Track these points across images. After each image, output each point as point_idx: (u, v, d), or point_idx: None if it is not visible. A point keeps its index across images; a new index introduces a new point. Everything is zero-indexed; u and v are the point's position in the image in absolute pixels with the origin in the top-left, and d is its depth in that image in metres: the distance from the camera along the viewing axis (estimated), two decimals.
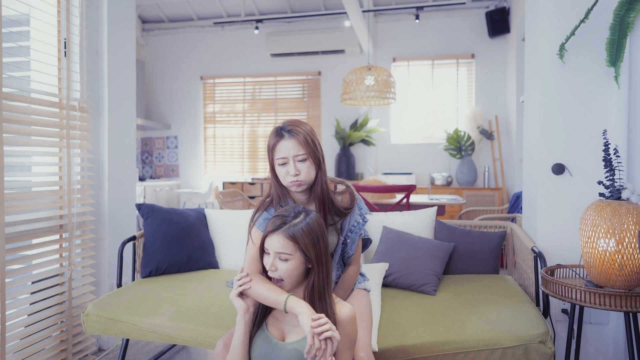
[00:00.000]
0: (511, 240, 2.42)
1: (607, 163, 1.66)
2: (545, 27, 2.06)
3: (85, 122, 2.39)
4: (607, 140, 1.68)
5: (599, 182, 1.70)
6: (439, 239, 2.35)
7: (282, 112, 6.49)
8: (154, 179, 6.66)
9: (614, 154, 1.68)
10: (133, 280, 2.38)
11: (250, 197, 5.55)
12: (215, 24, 6.48)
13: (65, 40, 2.31)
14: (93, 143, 2.51)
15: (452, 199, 4.24)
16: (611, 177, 1.65)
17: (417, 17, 5.83)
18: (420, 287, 2.04)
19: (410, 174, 5.79)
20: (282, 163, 1.47)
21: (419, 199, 4.17)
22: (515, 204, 4.10)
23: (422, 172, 5.97)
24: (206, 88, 6.69)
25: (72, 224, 2.29)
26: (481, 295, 1.96)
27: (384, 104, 4.71)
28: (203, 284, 2.17)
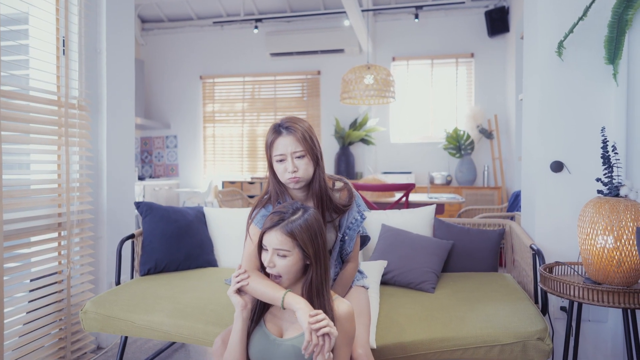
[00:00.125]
0: (510, 239, 2.42)
1: (606, 160, 1.66)
2: (544, 25, 2.06)
3: (84, 120, 2.39)
4: (605, 138, 1.68)
5: (598, 179, 1.70)
6: (438, 237, 2.35)
7: (282, 112, 6.49)
8: (154, 178, 6.66)
9: (612, 151, 1.68)
10: (132, 278, 2.38)
11: (250, 197, 5.55)
12: (214, 24, 6.48)
13: (64, 39, 2.31)
14: (92, 141, 2.51)
15: (452, 197, 4.24)
16: (609, 174, 1.65)
17: (417, 17, 5.83)
18: (418, 285, 2.04)
19: (409, 173, 5.80)
20: (280, 160, 1.47)
21: (418, 197, 4.17)
22: (514, 202, 4.10)
23: (421, 172, 5.97)
24: (205, 87, 6.69)
25: (71, 222, 2.29)
26: (479, 292, 1.96)
27: (383, 103, 4.71)
28: (201, 281, 2.17)
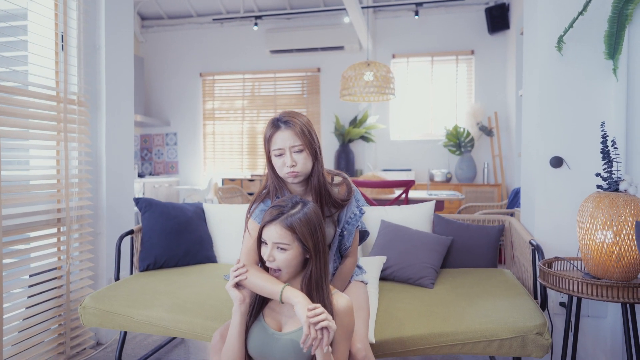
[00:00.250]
0: (509, 235, 2.42)
1: (605, 155, 1.66)
2: (544, 20, 2.06)
3: (83, 116, 2.39)
4: (605, 133, 1.68)
5: (597, 174, 1.70)
6: (437, 233, 2.34)
7: (282, 109, 6.48)
8: (153, 175, 6.66)
9: (612, 146, 1.67)
10: (131, 274, 2.38)
11: (250, 194, 5.55)
12: (214, 21, 6.47)
13: (62, 34, 2.31)
14: (91, 137, 2.50)
15: (451, 194, 4.24)
16: (609, 169, 1.65)
17: (417, 14, 5.82)
18: (418, 280, 2.04)
19: (409, 170, 5.79)
20: (279, 154, 1.46)
21: (418, 194, 4.17)
22: (514, 199, 4.10)
23: (421, 169, 5.97)
24: (205, 85, 6.69)
25: (70, 217, 2.29)
26: (479, 288, 1.96)
27: (383, 100, 4.70)
28: (201, 277, 2.17)
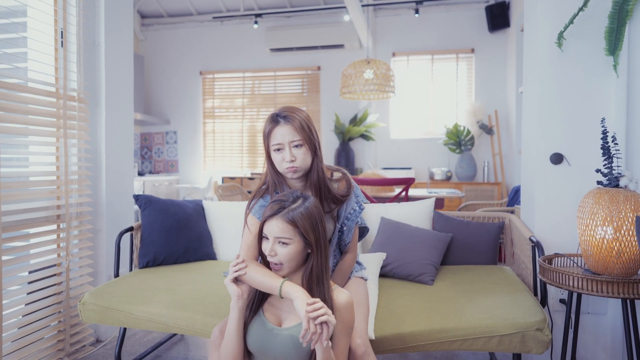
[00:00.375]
0: (509, 232, 2.42)
1: (605, 151, 1.65)
2: (544, 16, 2.05)
3: (83, 112, 2.39)
4: (605, 128, 1.67)
5: (597, 170, 1.69)
6: (437, 230, 2.34)
7: None
8: (153, 174, 6.66)
9: (612, 141, 1.67)
10: (130, 271, 2.38)
11: (249, 192, 5.54)
12: (214, 19, 6.47)
13: (62, 31, 2.30)
14: (90, 134, 2.50)
15: (451, 192, 4.24)
16: (609, 165, 1.65)
17: (417, 12, 5.81)
18: (417, 277, 2.04)
19: (409, 168, 5.79)
20: (278, 149, 1.46)
21: (418, 192, 4.17)
22: (514, 197, 4.09)
23: (421, 167, 5.96)
24: (205, 83, 6.68)
25: (70, 214, 2.29)
26: (479, 284, 1.96)
27: (383, 98, 4.70)
28: (200, 274, 2.17)
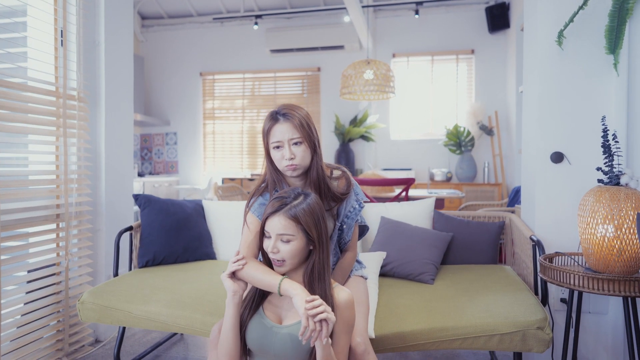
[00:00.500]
0: (510, 232, 2.41)
1: (606, 149, 1.65)
2: (544, 15, 2.05)
3: (83, 111, 2.38)
4: (606, 127, 1.67)
5: (598, 168, 1.69)
6: (438, 230, 2.33)
7: None
8: (153, 175, 6.66)
9: (613, 139, 1.66)
10: (130, 270, 2.37)
11: (249, 193, 5.53)
12: (214, 20, 6.47)
13: (62, 30, 2.30)
14: (90, 133, 2.50)
15: (451, 192, 4.23)
16: (610, 163, 1.64)
17: (417, 13, 5.82)
18: (418, 276, 2.03)
19: (409, 169, 5.78)
20: (277, 146, 1.46)
21: (418, 193, 4.16)
22: (514, 198, 4.08)
23: (421, 168, 5.96)
24: (205, 84, 6.68)
25: (69, 213, 2.28)
26: (479, 283, 1.95)
27: (383, 99, 4.69)
28: (200, 273, 2.16)
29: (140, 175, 6.33)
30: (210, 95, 6.69)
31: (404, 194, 3.67)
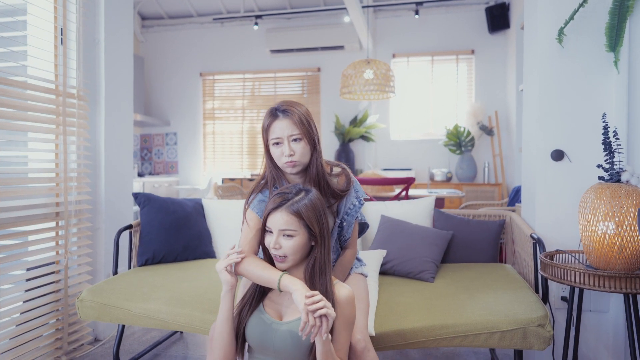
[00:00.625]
0: (510, 230, 2.40)
1: (607, 146, 1.64)
2: (545, 13, 2.05)
3: (82, 110, 2.38)
4: (606, 124, 1.66)
5: (599, 165, 1.68)
6: (438, 228, 2.33)
7: None
8: (153, 175, 6.65)
9: (614, 136, 1.66)
10: (129, 269, 2.36)
11: None
12: (214, 20, 6.47)
13: (62, 28, 2.30)
14: (90, 131, 2.49)
15: (452, 192, 4.23)
16: (611, 160, 1.64)
17: (417, 13, 5.82)
18: (418, 274, 2.02)
19: (409, 169, 5.77)
20: (277, 143, 1.45)
21: (418, 192, 4.15)
22: (514, 198, 4.07)
23: (421, 168, 5.95)
24: (205, 84, 6.68)
25: (69, 212, 2.28)
26: (479, 281, 1.94)
27: (383, 98, 4.69)
28: (199, 272, 2.15)
29: (140, 175, 6.32)
30: (210, 96, 6.69)
31: (404, 193, 3.66)
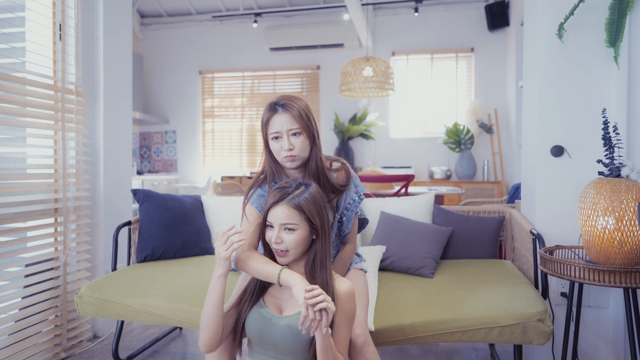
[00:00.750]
0: (510, 227, 2.40)
1: (607, 141, 1.64)
2: (544, 9, 2.04)
3: (81, 106, 2.37)
4: (606, 119, 1.66)
5: (599, 160, 1.68)
6: (437, 224, 2.33)
7: None
8: (152, 173, 6.64)
9: (614, 131, 1.66)
10: (128, 265, 2.36)
11: None
12: (213, 18, 6.46)
13: (60, 24, 2.29)
14: (89, 127, 2.49)
15: (451, 189, 4.22)
16: (610, 155, 1.63)
17: (417, 11, 5.81)
18: (417, 270, 2.02)
19: (409, 167, 5.77)
20: (276, 137, 1.45)
21: (418, 190, 4.15)
22: (514, 195, 4.07)
23: (421, 166, 5.95)
24: (205, 82, 6.67)
25: (68, 208, 2.27)
26: (479, 277, 1.94)
27: (383, 96, 4.69)
28: (198, 268, 2.15)
29: (140, 173, 6.32)
30: (210, 94, 6.68)
31: (403, 190, 3.66)
